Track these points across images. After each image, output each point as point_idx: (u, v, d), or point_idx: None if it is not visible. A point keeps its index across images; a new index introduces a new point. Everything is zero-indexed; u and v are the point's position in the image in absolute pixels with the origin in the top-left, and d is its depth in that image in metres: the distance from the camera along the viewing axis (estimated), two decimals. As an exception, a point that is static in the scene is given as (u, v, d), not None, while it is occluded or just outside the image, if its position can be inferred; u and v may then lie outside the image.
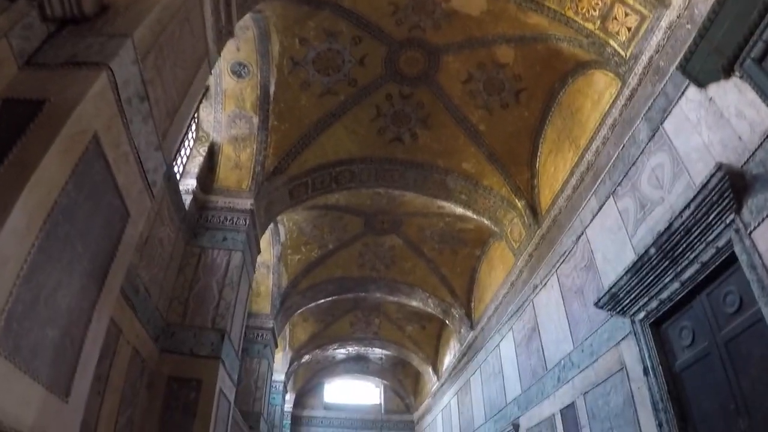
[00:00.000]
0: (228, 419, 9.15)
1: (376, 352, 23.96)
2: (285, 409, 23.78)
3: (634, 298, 7.32)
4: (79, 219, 3.66)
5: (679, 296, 6.70)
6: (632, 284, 7.24)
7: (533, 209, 11.51)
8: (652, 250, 6.77)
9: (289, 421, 24.96)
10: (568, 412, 9.37)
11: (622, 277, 7.35)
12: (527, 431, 11.34)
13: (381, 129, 11.72)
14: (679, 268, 6.56)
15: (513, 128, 11.40)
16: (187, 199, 9.57)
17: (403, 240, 15.52)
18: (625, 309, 7.57)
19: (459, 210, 13.21)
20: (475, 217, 13.07)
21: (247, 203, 10.29)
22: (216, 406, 8.17)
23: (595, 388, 8.49)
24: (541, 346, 10.77)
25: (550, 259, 10.57)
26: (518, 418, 11.87)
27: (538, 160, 11.42)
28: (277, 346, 16.93)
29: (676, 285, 6.68)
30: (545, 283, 10.74)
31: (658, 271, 6.83)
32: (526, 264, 11.72)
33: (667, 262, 6.68)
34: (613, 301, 7.65)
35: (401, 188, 12.80)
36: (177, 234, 8.99)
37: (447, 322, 17.68)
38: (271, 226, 14.16)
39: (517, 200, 11.79)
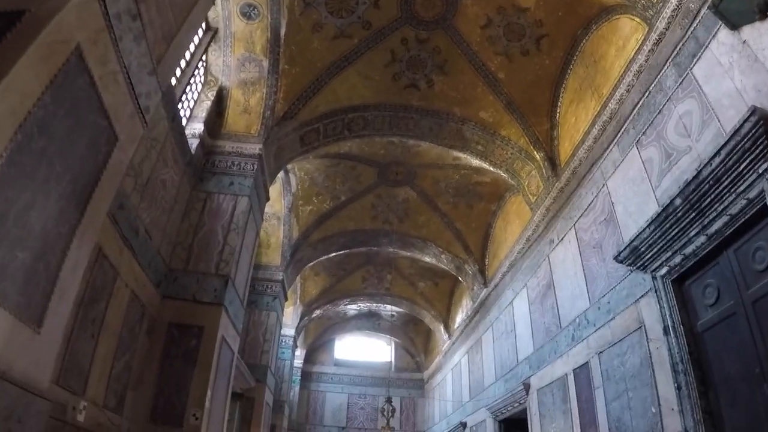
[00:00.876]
0: (231, 369, 9.00)
1: (388, 309, 23.81)
2: (295, 365, 23.82)
3: (657, 252, 6.99)
4: (57, 135, 3.38)
5: (705, 251, 6.36)
6: (655, 237, 6.91)
7: (552, 161, 11.15)
8: (678, 201, 6.42)
9: (299, 377, 25.01)
10: (582, 372, 9.12)
11: (644, 230, 7.02)
12: (538, 391, 11.14)
13: (396, 75, 11.31)
14: (705, 221, 6.21)
15: (533, 77, 10.95)
16: (194, 143, 9.27)
17: (417, 193, 15.20)
18: (646, 264, 7.25)
19: (475, 162, 12.85)
20: (491, 169, 12.72)
21: (255, 148, 10.00)
22: (218, 355, 8.00)
23: (610, 348, 8.21)
24: (556, 303, 10.50)
25: (569, 213, 10.24)
26: (529, 377, 11.68)
27: (558, 110, 11.01)
28: (287, 299, 16.82)
29: (701, 239, 6.34)
30: (562, 238, 10.43)
31: (683, 223, 6.49)
32: (543, 218, 11.40)
33: (693, 214, 6.33)
34: (634, 255, 7.33)
35: (416, 137, 12.45)
36: (182, 178, 8.72)
37: (460, 278, 17.47)
38: (282, 175, 13.95)
39: (535, 152, 11.42)
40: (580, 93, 10.18)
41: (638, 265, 7.36)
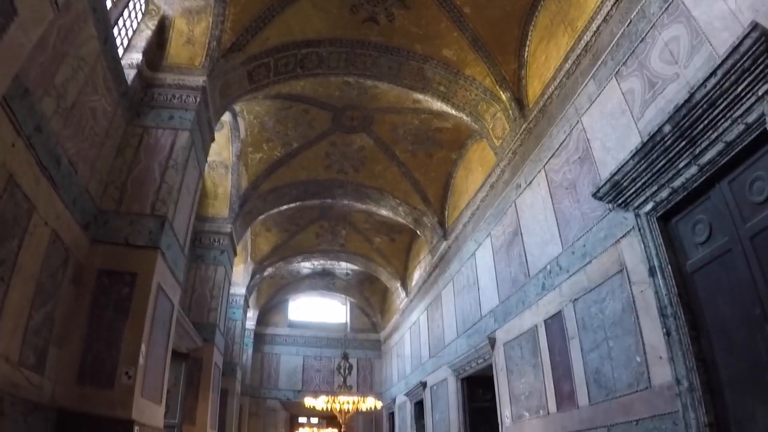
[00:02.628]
0: (170, 323, 8.22)
1: (343, 267, 23.20)
2: (247, 327, 23.34)
3: (641, 186, 6.44)
4: None
5: (696, 183, 5.84)
6: (639, 170, 6.34)
7: (519, 102, 10.54)
8: (667, 128, 5.85)
9: (252, 340, 24.49)
10: (554, 323, 8.62)
11: (627, 162, 6.45)
12: (505, 345, 10.66)
13: (354, 7, 10.47)
14: (697, 150, 5.66)
15: (501, 12, 10.28)
16: (131, 74, 8.42)
17: (374, 140, 14.49)
18: (628, 200, 6.70)
19: (436, 105, 12.19)
20: (453, 112, 12.08)
21: (199, 80, 9.15)
22: (153, 305, 7.22)
23: (586, 295, 7.69)
24: (524, 251, 9.97)
25: (538, 155, 9.68)
26: (495, 331, 11.19)
27: (527, 48, 10.40)
28: (236, 254, 16.10)
29: (692, 170, 5.80)
30: (530, 182, 9.88)
31: (672, 153, 5.94)
32: (509, 163, 10.84)
33: (683, 143, 5.78)
34: (615, 191, 6.77)
35: (374, 77, 11.72)
36: (115, 109, 7.86)
37: (418, 232, 16.91)
38: (230, 120, 13.22)
39: (501, 92, 10.78)
40: (552, 29, 9.59)
41: (619, 201, 6.81)
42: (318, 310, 27.95)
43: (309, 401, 16.37)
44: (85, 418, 6.27)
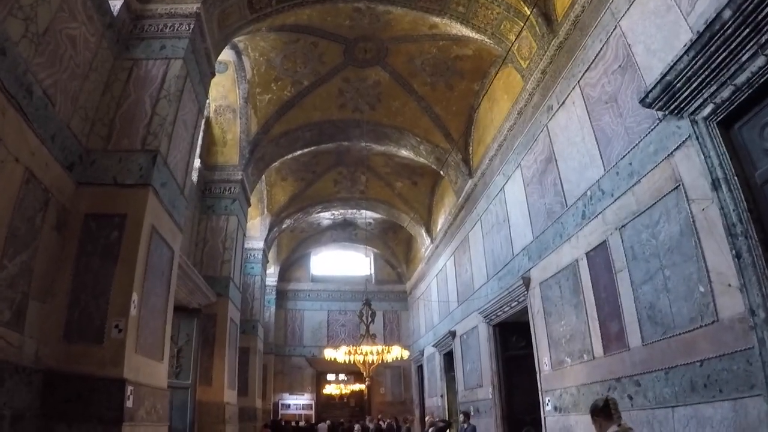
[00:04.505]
0: (170, 271, 7.53)
1: (364, 216, 22.54)
2: (269, 283, 23.04)
3: (698, 87, 5.56)
4: None
5: (763, 78, 4.94)
6: (695, 67, 5.46)
7: (547, 16, 9.57)
8: (727, 14, 4.97)
9: (274, 297, 24.17)
10: (598, 255, 7.82)
11: (680, 58, 5.57)
12: (541, 285, 9.91)
13: None
14: (764, 38, 4.80)
15: None
16: (117, 5, 7.69)
17: (390, 73, 13.61)
18: (682, 105, 5.83)
19: (455, 29, 11.28)
20: (474, 35, 11.16)
21: (192, 7, 8.31)
22: (146, 249, 6.53)
23: (635, 219, 6.85)
24: (559, 178, 9.14)
25: (570, 71, 8.81)
26: (529, 270, 10.44)
27: (552, -44, 9.47)
28: (249, 204, 15.48)
29: (759, 62, 4.91)
30: (564, 102, 9.01)
31: (734, 44, 5.06)
32: (538, 84, 9.98)
33: (746, 30, 4.89)
34: (667, 95, 5.90)
35: (386, 1, 10.83)
36: (99, 40, 7.13)
37: (441, 172, 16.09)
38: (234, 59, 12.51)
39: (526, 7, 9.79)
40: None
41: (672, 107, 5.94)
42: (341, 263, 27.52)
43: (330, 353, 15.61)
44: (73, 379, 5.64)
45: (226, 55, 12.03)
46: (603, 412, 4.57)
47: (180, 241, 8.07)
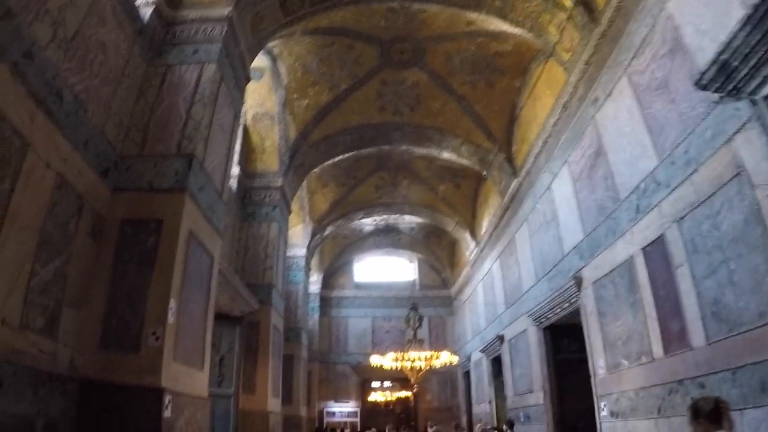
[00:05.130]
0: (210, 278, 7.39)
1: (407, 221, 22.31)
2: (312, 291, 23.01)
3: (756, 63, 5.17)
4: None
5: (828, 51, 4.62)
6: (752, 42, 5.07)
7: (587, 5, 9.17)
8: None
9: (318, 304, 24.13)
10: (655, 250, 7.42)
11: (735, 35, 5.19)
12: (594, 284, 9.52)
13: None
14: (826, 8, 4.47)
15: None
16: (147, 12, 7.65)
17: (428, 74, 13.35)
18: (740, 85, 5.45)
19: (493, 24, 11.00)
20: (513, 30, 10.84)
21: (224, 12, 8.22)
22: (184, 255, 6.40)
23: (695, 210, 6.45)
24: (610, 172, 8.77)
25: (616, 60, 8.47)
26: (580, 270, 10.05)
27: (590, -57, 9.14)
28: (290, 211, 15.40)
29: (821, 34, 4.59)
30: (611, 92, 8.67)
31: (793, 16, 4.74)
32: (582, 76, 9.62)
33: (811, -3, 4.58)
34: (724, 75, 5.52)
35: (420, -3, 10.65)
36: (131, 46, 7.07)
37: (484, 173, 15.74)
38: (270, 65, 12.40)
39: (566, -3, 9.54)
40: None
41: (729, 88, 5.56)
42: (384, 269, 27.26)
43: (376, 360, 15.30)
44: (109, 388, 5.53)
45: (262, 61, 11.93)
46: (711, 416, 3.75)
47: (220, 247, 7.94)
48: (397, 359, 14.61)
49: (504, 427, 11.62)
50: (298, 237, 18.89)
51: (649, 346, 7.60)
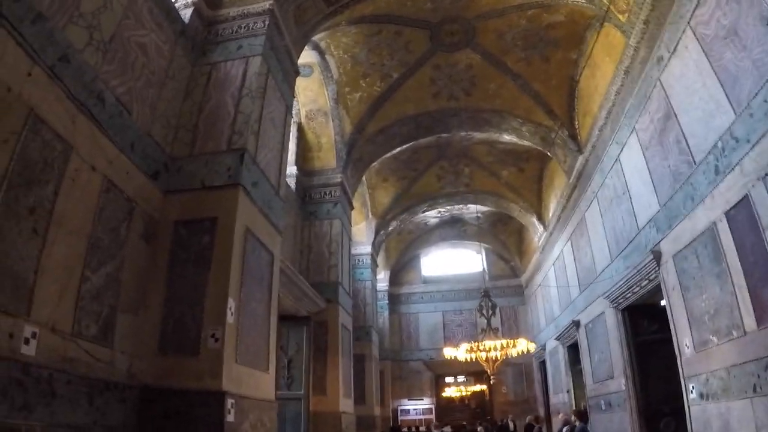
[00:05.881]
0: (271, 276, 7.18)
1: (472, 211, 21.81)
2: (380, 288, 22.88)
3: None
4: None
5: None
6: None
7: (639, -41, 8.77)
8: None
9: (387, 302, 24.05)
10: (739, 213, 6.82)
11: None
12: (674, 257, 8.91)
13: None
14: None
15: None
16: (187, 13, 7.61)
17: (481, 54, 12.92)
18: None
19: (543, -7, 10.57)
20: (564, -2, 10.41)
21: (264, 5, 8.06)
22: (241, 252, 6.21)
23: (781, 163, 5.98)
24: (682, 134, 8.22)
25: (677, 14, 7.95)
26: (658, 243, 9.46)
27: None
28: (352, 207, 15.24)
29: None
30: (675, 48, 8.14)
31: None
32: (642, 37, 9.11)
33: None
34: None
35: (464, -26, 10.28)
36: (173, 48, 6.99)
37: (548, 153, 15.22)
38: (319, 60, 12.25)
39: (617, -45, 9.04)
40: None
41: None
42: (452, 261, 26.87)
43: (449, 352, 14.83)
44: (170, 394, 5.36)
45: (310, 57, 11.82)
46: None
47: (279, 244, 7.74)
48: (471, 350, 14.09)
49: (572, 418, 10.83)
50: (362, 234, 18.79)
51: (740, 319, 7.00)
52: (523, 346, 14.21)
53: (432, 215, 22.43)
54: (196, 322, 5.64)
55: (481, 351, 13.91)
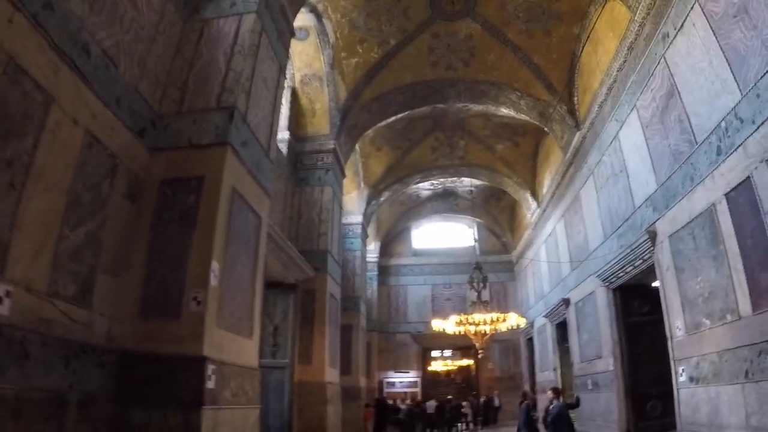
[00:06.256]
0: (257, 240, 6.99)
1: (465, 184, 21.69)
2: (370, 259, 22.89)
3: None
4: None
5: None
6: None
7: (649, -70, 8.56)
8: None
9: (376, 273, 23.99)
10: (740, 195, 6.72)
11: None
12: (670, 238, 8.84)
13: None
14: None
15: None
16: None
17: (481, 24, 12.71)
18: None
19: (548, -38, 10.31)
20: (570, -31, 10.16)
21: (260, -39, 7.80)
22: (227, 213, 6.02)
23: (786, 146, 5.83)
24: (685, 112, 8.07)
25: (686, -11, 7.78)
26: (654, 223, 9.38)
27: None
28: (344, 174, 15.03)
29: None
30: (682, 26, 7.97)
31: None
32: (648, 12, 8.95)
33: None
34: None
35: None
36: (164, 3, 6.70)
37: (545, 128, 15.05)
38: (316, 24, 11.96)
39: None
40: None
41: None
42: (443, 235, 26.88)
43: (437, 324, 14.60)
44: (150, 359, 5.18)
45: (306, 20, 11.56)
46: None
47: (268, 208, 7.54)
48: (460, 323, 13.84)
49: (549, 394, 10.64)
50: (353, 204, 18.66)
51: (735, 303, 6.92)
52: (513, 320, 14.03)
53: (425, 187, 22.30)
54: (179, 284, 5.44)
55: (470, 324, 13.70)
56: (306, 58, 12.64)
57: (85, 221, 4.95)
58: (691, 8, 7.65)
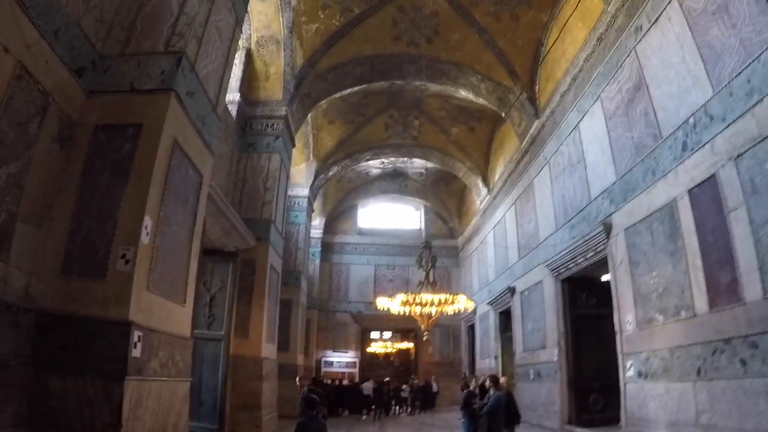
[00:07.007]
0: (197, 199, 6.54)
1: (416, 166, 21.59)
2: (313, 235, 22.54)
3: None
4: None
5: None
6: None
7: None
8: None
9: (319, 250, 23.74)
10: (704, 192, 6.65)
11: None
12: (626, 231, 8.80)
13: None
14: None
15: None
16: None
17: (449, 1, 12.45)
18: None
19: (523, -55, 10.05)
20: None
21: None
22: (165, 166, 5.57)
23: (756, 146, 5.69)
24: (652, 106, 7.96)
25: (663, -18, 7.62)
26: (610, 215, 9.32)
27: None
28: (294, 144, 14.60)
29: None
30: (657, 19, 7.85)
31: None
32: (622, 4, 8.83)
33: None
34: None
35: None
36: (114, -61, 6.20)
37: (503, 115, 14.88)
38: (277, -15, 11.37)
39: None
40: None
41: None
42: (390, 216, 26.62)
43: (383, 302, 14.15)
44: (71, 321, 4.73)
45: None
46: None
47: (211, 166, 7.07)
48: (407, 302, 13.33)
49: (487, 383, 10.26)
50: (301, 176, 18.26)
51: (691, 300, 6.88)
52: (462, 303, 13.65)
53: (375, 165, 22.03)
54: (106, 240, 4.99)
55: (417, 304, 13.25)
56: (264, 19, 12.15)
57: (7, 162, 4.48)
58: (669, 3, 7.52)
